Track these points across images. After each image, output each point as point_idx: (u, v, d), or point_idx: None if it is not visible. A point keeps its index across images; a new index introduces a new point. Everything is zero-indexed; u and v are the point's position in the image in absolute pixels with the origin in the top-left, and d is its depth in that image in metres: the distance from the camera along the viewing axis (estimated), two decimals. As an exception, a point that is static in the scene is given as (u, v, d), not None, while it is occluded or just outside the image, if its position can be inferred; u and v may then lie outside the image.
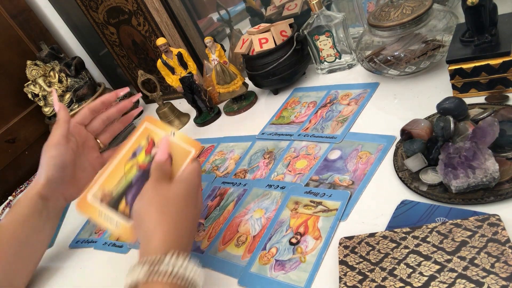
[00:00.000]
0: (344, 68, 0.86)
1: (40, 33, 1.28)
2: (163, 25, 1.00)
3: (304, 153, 0.69)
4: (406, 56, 0.67)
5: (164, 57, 0.89)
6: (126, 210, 0.58)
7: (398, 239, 0.46)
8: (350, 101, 0.75)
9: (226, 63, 0.89)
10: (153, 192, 0.52)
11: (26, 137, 1.23)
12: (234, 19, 1.05)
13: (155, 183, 0.53)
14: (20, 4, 1.25)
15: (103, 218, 0.57)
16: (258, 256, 0.56)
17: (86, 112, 0.71)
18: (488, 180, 0.46)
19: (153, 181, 0.53)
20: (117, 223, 0.57)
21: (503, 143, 0.49)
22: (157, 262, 0.45)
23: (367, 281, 0.43)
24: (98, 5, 1.08)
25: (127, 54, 1.17)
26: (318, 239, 0.53)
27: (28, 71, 1.09)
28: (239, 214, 0.64)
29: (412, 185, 0.52)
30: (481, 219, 0.43)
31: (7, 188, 1.18)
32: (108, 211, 0.58)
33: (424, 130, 0.56)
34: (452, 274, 0.40)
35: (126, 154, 0.62)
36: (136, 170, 0.60)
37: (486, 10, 0.56)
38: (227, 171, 0.75)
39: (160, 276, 0.44)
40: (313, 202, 0.59)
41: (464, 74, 0.59)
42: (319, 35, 0.83)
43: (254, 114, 0.89)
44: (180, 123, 1.00)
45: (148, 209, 0.51)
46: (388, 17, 0.67)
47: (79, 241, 0.78)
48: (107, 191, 0.59)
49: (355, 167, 0.61)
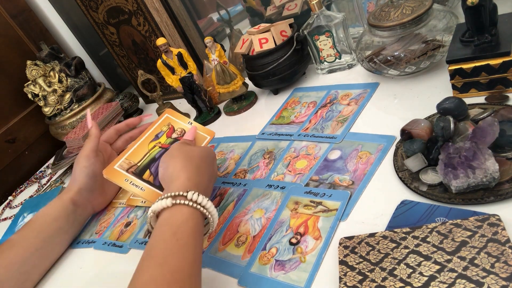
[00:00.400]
0: (344, 68, 0.86)
1: (40, 33, 1.28)
2: (163, 25, 1.00)
3: (304, 153, 0.69)
4: (406, 56, 0.67)
5: (164, 57, 0.89)
6: (150, 178, 0.68)
7: (398, 239, 0.46)
8: (350, 101, 0.75)
9: (226, 63, 0.89)
10: (179, 148, 0.62)
11: (26, 137, 1.23)
12: (234, 19, 1.05)
13: (181, 144, 0.64)
14: (20, 4, 1.25)
15: (129, 183, 0.67)
16: (258, 256, 0.56)
17: (112, 132, 0.81)
18: (488, 180, 0.46)
19: (179, 143, 0.65)
20: (142, 187, 0.66)
21: (503, 143, 0.49)
22: (181, 195, 0.53)
23: (367, 281, 0.43)
24: (98, 5, 1.08)
25: (127, 54, 1.17)
26: (318, 239, 0.53)
27: (28, 71, 1.09)
28: (239, 214, 0.64)
29: (412, 185, 0.52)
30: (481, 219, 0.43)
31: (7, 188, 1.18)
32: (134, 178, 0.67)
33: (424, 130, 0.56)
34: (452, 274, 0.40)
35: (149, 136, 0.73)
36: (159, 148, 0.71)
37: (486, 10, 0.56)
38: (227, 171, 0.75)
39: (186, 201, 0.52)
40: (313, 202, 0.59)
41: (464, 74, 0.59)
42: (319, 35, 0.83)
43: (254, 114, 0.89)
44: (180, 123, 1.00)
45: (174, 159, 0.60)
46: (388, 17, 0.67)
47: (80, 241, 0.79)
48: (133, 162, 0.69)
49: (355, 167, 0.61)
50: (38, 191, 1.09)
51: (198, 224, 0.52)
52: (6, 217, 1.04)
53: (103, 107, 1.08)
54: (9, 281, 0.66)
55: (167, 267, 0.47)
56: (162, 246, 0.49)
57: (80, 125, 1.03)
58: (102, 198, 0.80)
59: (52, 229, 0.72)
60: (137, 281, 0.46)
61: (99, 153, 0.77)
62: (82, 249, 0.76)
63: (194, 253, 0.49)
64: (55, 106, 1.11)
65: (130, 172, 0.68)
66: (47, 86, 1.10)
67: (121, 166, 0.68)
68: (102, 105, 1.10)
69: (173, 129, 0.73)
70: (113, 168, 0.68)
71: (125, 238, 0.73)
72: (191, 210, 0.52)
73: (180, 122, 0.74)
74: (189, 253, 0.49)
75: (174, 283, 0.45)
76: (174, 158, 0.60)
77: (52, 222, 0.72)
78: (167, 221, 0.52)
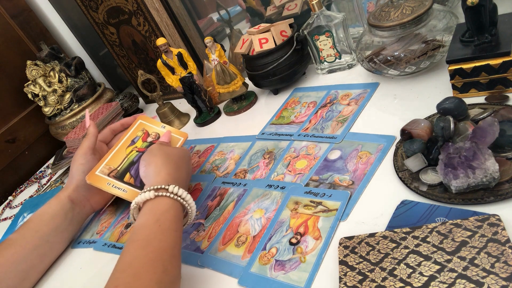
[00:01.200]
0: (344, 68, 0.86)
1: (40, 33, 1.28)
2: (163, 25, 1.00)
3: (304, 153, 0.69)
4: (406, 56, 0.67)
5: (164, 57, 0.89)
6: (131, 180, 0.73)
7: (398, 239, 0.46)
8: (350, 101, 0.75)
9: (226, 63, 0.89)
10: (158, 148, 0.66)
11: (26, 137, 1.23)
12: (234, 19, 1.05)
13: (159, 144, 0.68)
14: (20, 4, 1.25)
15: (112, 186, 0.71)
16: (258, 256, 0.56)
17: (107, 132, 0.83)
18: (488, 180, 0.46)
19: (158, 143, 0.69)
20: (124, 189, 0.72)
21: (503, 143, 0.49)
22: (163, 187, 0.57)
23: (367, 281, 0.43)
24: (98, 5, 1.08)
25: (127, 54, 1.17)
26: (318, 239, 0.53)
27: (28, 71, 1.09)
28: (239, 214, 0.64)
29: (412, 185, 0.52)
30: (481, 219, 0.43)
31: (7, 188, 1.18)
32: (116, 181, 0.72)
33: (424, 130, 0.56)
34: (452, 274, 0.40)
35: (125, 142, 0.77)
36: (136, 152, 0.76)
37: (486, 10, 0.56)
38: (227, 171, 0.75)
39: (167, 193, 0.57)
40: (313, 202, 0.59)
41: (464, 74, 0.59)
42: (319, 35, 0.83)
43: (254, 114, 0.89)
44: (180, 123, 1.00)
45: (155, 157, 0.64)
46: (388, 17, 0.67)
47: (81, 241, 0.79)
48: (113, 167, 0.73)
49: (355, 167, 0.61)
50: (38, 191, 1.09)
51: (179, 214, 0.57)
52: (6, 217, 1.05)
53: (103, 107, 1.08)
54: (7, 280, 0.66)
55: (150, 248, 0.50)
56: (146, 231, 0.53)
57: (80, 125, 1.03)
58: (100, 196, 0.79)
59: (49, 227, 0.72)
60: (122, 262, 0.49)
61: (96, 151, 0.77)
62: (82, 249, 0.76)
63: (175, 237, 0.53)
64: (55, 106, 1.12)
65: (111, 176, 0.72)
66: (47, 86, 1.10)
67: (102, 172, 0.72)
68: (102, 105, 1.10)
69: (148, 134, 0.78)
70: (95, 174, 0.72)
71: (125, 239, 0.73)
72: (172, 201, 0.57)
73: (154, 126, 0.79)
74: (171, 237, 0.53)
75: (157, 261, 0.49)
76: (154, 157, 0.64)
77: (49, 221, 0.72)
78: (151, 210, 0.55)
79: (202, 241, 0.63)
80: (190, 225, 0.67)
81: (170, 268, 0.50)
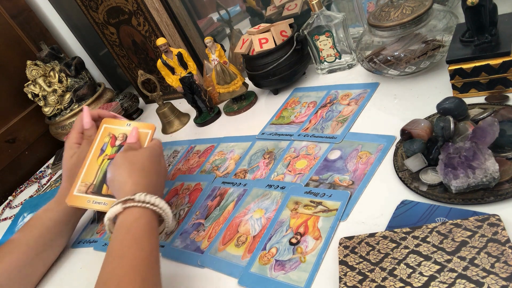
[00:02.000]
0: (344, 68, 0.86)
1: (40, 33, 1.28)
2: (163, 25, 1.00)
3: (304, 153, 0.69)
4: (406, 56, 0.67)
5: (164, 57, 0.89)
6: (109, 192, 0.70)
7: (398, 239, 0.46)
8: (350, 101, 0.75)
9: (226, 63, 0.89)
10: (122, 156, 0.64)
11: (26, 137, 1.23)
12: (234, 19, 1.05)
13: (123, 153, 0.65)
14: (20, 4, 1.25)
15: (92, 202, 0.70)
16: (258, 256, 0.56)
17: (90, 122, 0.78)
18: (488, 180, 0.46)
19: (121, 152, 0.66)
20: (104, 202, 0.70)
21: (503, 143, 0.49)
22: (129, 199, 0.56)
23: (367, 281, 0.43)
24: (98, 5, 1.08)
25: (127, 54, 1.17)
26: (318, 239, 0.53)
27: (28, 71, 1.09)
28: (239, 214, 0.64)
29: (412, 185, 0.52)
30: (481, 219, 0.43)
31: (7, 188, 1.18)
32: (94, 197, 0.70)
33: (424, 130, 0.56)
34: (452, 274, 0.40)
35: (95, 152, 0.74)
36: (108, 160, 0.73)
37: (486, 10, 0.55)
38: (227, 171, 0.75)
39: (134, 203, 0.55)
40: (313, 202, 0.59)
41: (464, 74, 0.59)
42: (319, 35, 0.83)
43: (254, 114, 0.89)
44: (180, 123, 1.00)
45: (119, 168, 0.62)
46: (388, 17, 0.67)
47: (81, 241, 0.79)
48: (89, 183, 0.71)
49: (355, 167, 0.61)
50: (38, 191, 1.10)
51: (151, 221, 0.56)
52: (6, 217, 1.05)
53: (103, 107, 1.08)
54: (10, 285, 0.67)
55: (125, 259, 0.50)
56: (119, 243, 0.53)
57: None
58: None
59: (53, 233, 0.72)
60: (100, 277, 0.50)
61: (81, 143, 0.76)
62: (83, 249, 0.76)
63: (150, 244, 0.53)
64: (55, 106, 1.12)
65: (90, 193, 0.71)
66: (47, 86, 1.10)
67: (79, 191, 0.71)
68: (102, 105, 1.10)
69: (115, 137, 0.74)
70: (73, 195, 0.70)
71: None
72: (141, 210, 0.55)
73: (119, 127, 0.75)
74: (145, 245, 0.52)
75: (135, 273, 0.49)
76: (119, 167, 0.62)
77: (53, 227, 0.72)
78: (122, 224, 0.55)
79: (202, 241, 0.63)
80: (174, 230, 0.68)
81: (149, 276, 0.49)
